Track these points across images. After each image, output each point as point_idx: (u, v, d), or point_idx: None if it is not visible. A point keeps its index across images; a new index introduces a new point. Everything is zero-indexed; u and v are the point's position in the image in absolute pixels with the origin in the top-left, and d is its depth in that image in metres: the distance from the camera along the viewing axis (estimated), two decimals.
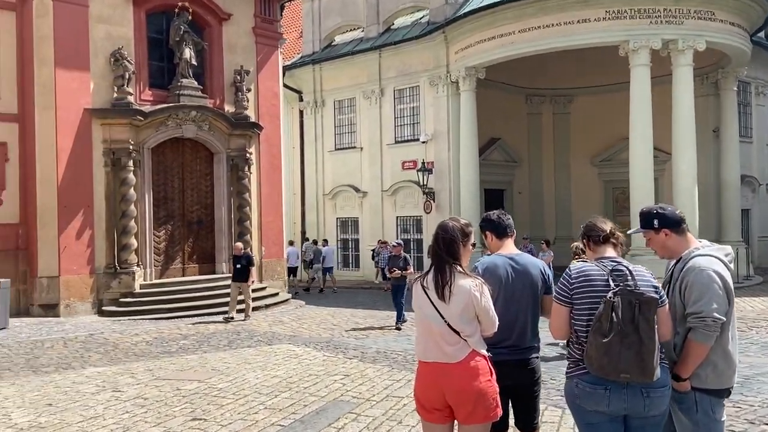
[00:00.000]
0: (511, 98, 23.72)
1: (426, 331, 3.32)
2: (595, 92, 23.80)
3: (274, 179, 17.31)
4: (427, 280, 3.32)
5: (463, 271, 3.29)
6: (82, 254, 13.46)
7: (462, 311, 3.22)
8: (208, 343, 10.46)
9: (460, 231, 3.36)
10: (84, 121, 13.55)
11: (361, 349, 9.74)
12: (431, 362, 3.27)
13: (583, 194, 24.28)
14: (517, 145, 24.10)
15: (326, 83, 24.11)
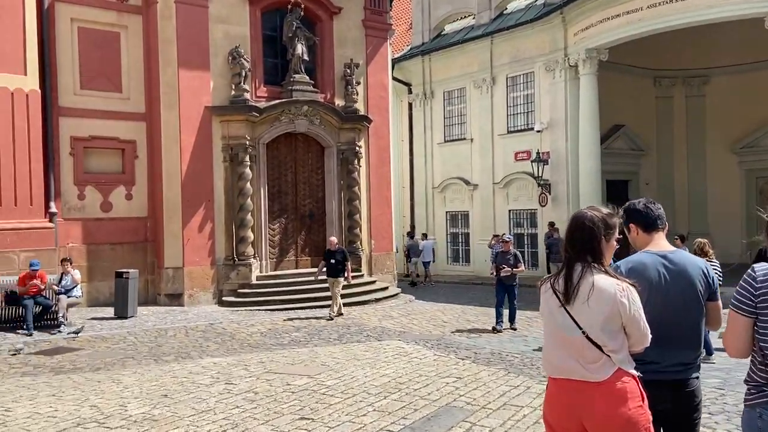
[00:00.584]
0: (637, 81, 21.95)
1: (558, 343, 2.80)
2: (735, 72, 21.48)
3: (383, 172, 17.17)
4: (558, 282, 2.80)
5: (605, 271, 2.74)
6: (204, 246, 14.05)
7: (605, 321, 2.68)
8: (318, 336, 10.46)
9: (601, 222, 2.77)
10: (204, 119, 14.10)
11: (474, 349, 9.27)
12: (566, 380, 2.76)
13: (721, 185, 22.02)
14: (644, 131, 22.29)
15: (436, 74, 23.66)
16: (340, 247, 12.97)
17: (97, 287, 13.43)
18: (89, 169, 13.50)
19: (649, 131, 22.56)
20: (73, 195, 13.24)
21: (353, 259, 15.96)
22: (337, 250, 12.68)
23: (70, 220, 13.14)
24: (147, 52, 14.12)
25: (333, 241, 13.07)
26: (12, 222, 11.75)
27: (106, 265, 13.39)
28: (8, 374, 7.74)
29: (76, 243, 13.22)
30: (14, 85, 11.82)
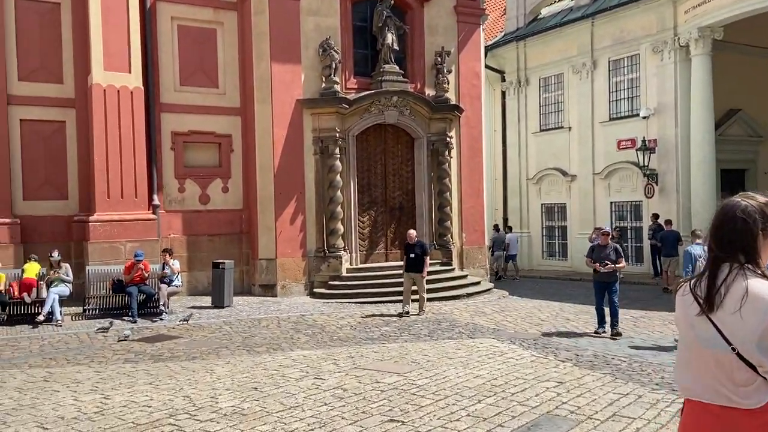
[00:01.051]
0: (754, 62, 19.92)
1: (697, 359, 2.29)
2: None
3: (475, 163, 16.63)
4: (700, 286, 2.30)
5: (762, 274, 2.22)
6: (295, 238, 14.18)
7: (762, 336, 2.16)
8: (408, 332, 10.19)
9: (758, 213, 2.24)
10: (296, 112, 14.20)
11: (575, 350, 8.64)
12: (706, 404, 2.27)
13: None
14: (763, 116, 20.25)
15: (531, 60, 22.68)
16: (419, 240, 12.26)
17: (196, 277, 13.91)
18: (188, 162, 13.97)
19: None
20: (173, 188, 13.76)
21: (443, 252, 15.62)
22: (416, 243, 12.00)
23: (171, 212, 13.67)
24: (241, 48, 14.40)
25: (411, 234, 12.31)
26: (119, 213, 12.37)
27: (204, 256, 13.84)
28: (111, 360, 8.05)
29: (177, 234, 13.74)
30: (120, 83, 12.40)
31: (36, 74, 12.42)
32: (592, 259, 9.99)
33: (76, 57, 12.67)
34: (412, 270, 11.84)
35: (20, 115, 12.28)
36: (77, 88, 12.72)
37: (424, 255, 11.85)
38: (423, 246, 12.03)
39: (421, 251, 11.83)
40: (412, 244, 11.93)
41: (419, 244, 12.03)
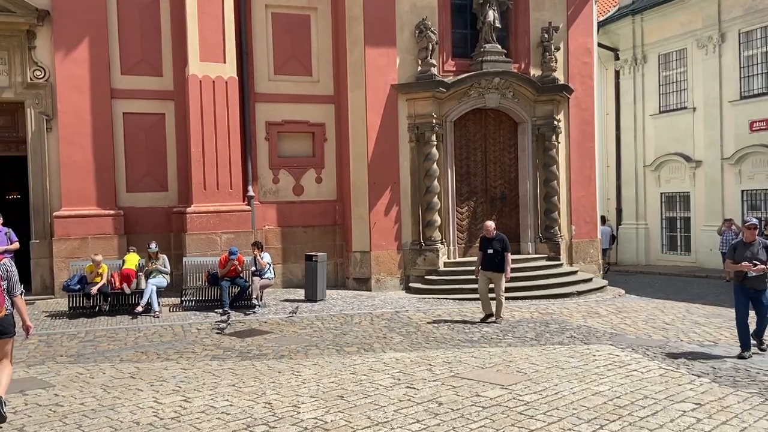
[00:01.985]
0: None
1: None
2: None
3: (586, 149, 15.19)
4: None
5: None
6: (390, 230, 13.56)
7: None
8: (512, 334, 9.24)
9: None
10: (390, 98, 13.53)
11: (710, 362, 7.33)
12: None
13: None
14: None
15: (648, 36, 20.64)
16: (498, 233, 10.51)
17: (290, 269, 13.67)
18: (282, 153, 13.72)
19: None
20: (268, 179, 13.57)
21: (550, 246, 14.40)
22: (495, 237, 10.33)
23: (265, 204, 13.50)
24: (335, 33, 13.93)
25: (489, 226, 10.56)
26: (215, 205, 12.31)
27: (298, 248, 13.56)
28: (200, 356, 7.79)
29: (272, 225, 13.55)
30: (215, 73, 12.30)
31: (137, 68, 12.59)
32: (734, 260, 7.82)
33: (175, 49, 12.73)
34: (491, 268, 10.29)
35: (123, 109, 12.51)
36: (175, 80, 12.78)
37: (505, 251, 10.31)
38: (503, 241, 10.37)
39: (501, 247, 10.29)
40: (490, 238, 10.37)
41: (498, 238, 10.39)
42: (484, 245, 10.42)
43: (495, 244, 10.29)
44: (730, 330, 9.37)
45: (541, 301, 12.40)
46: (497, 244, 10.29)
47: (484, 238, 10.51)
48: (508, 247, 10.39)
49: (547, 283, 13.36)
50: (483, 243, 10.49)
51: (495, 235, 10.39)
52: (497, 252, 10.26)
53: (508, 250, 10.36)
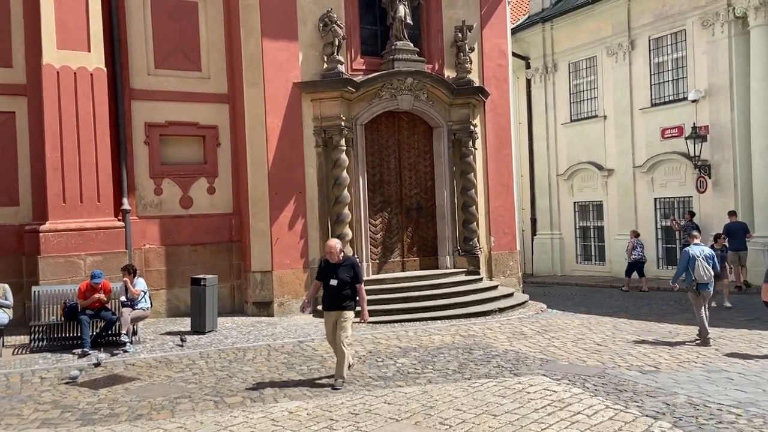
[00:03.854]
0: None
1: None
2: None
3: (503, 156, 14.35)
4: None
5: None
6: (295, 246, 12.02)
7: None
8: (432, 365, 7.95)
9: None
10: (293, 97, 12.05)
11: (663, 396, 6.34)
12: None
13: None
14: None
15: (559, 44, 20.38)
16: (348, 257, 7.62)
17: (177, 295, 11.77)
18: (167, 159, 11.86)
19: None
20: (148, 189, 11.65)
21: (469, 259, 13.35)
22: (343, 262, 7.30)
23: (145, 218, 11.56)
24: (228, 23, 12.28)
25: (334, 247, 7.35)
26: (77, 221, 10.24)
27: (187, 269, 11.70)
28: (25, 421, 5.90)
29: (154, 244, 11.62)
30: (77, 64, 10.30)
31: None
32: None
33: (28, 34, 10.62)
34: (336, 306, 7.21)
35: None
36: (29, 72, 10.65)
37: (357, 282, 7.30)
38: (354, 267, 7.36)
39: (352, 276, 7.24)
40: (335, 264, 7.27)
41: (348, 263, 7.36)
42: (326, 273, 7.30)
43: (342, 272, 7.22)
44: (668, 350, 8.59)
45: (461, 321, 11.26)
46: (345, 272, 7.23)
47: (326, 264, 7.36)
48: (360, 276, 7.41)
49: (467, 300, 12.28)
50: (324, 271, 7.33)
51: (342, 260, 7.33)
52: (344, 283, 7.20)
53: (360, 280, 7.40)
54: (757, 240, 14.95)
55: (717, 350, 8.55)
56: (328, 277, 7.27)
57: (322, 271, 7.44)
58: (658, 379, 7.03)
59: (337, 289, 7.22)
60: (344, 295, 7.25)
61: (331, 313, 7.30)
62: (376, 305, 11.67)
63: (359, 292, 7.41)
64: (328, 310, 7.33)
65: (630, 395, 6.37)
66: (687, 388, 6.64)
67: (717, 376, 7.11)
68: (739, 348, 8.65)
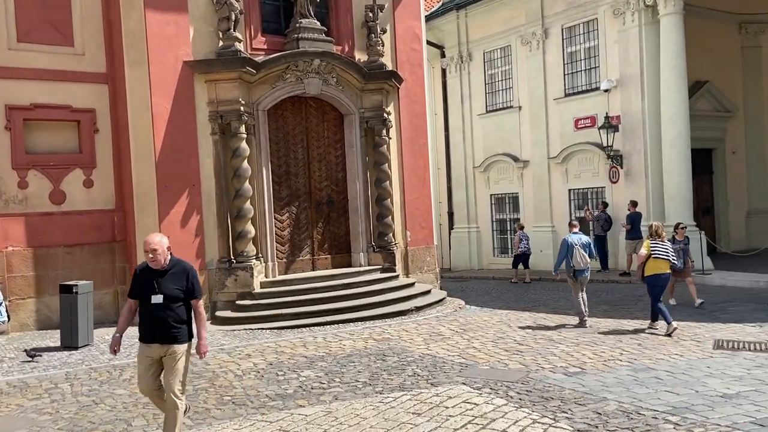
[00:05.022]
0: (719, 28, 18.03)
1: None
2: None
3: (419, 146, 13.61)
4: None
5: None
6: (189, 246, 10.70)
7: None
8: (341, 377, 7.00)
9: None
10: (184, 78, 10.72)
11: (592, 402, 5.71)
12: None
13: None
14: (730, 89, 18.34)
15: (473, 32, 19.95)
16: (178, 260, 5.04)
17: (48, 304, 10.17)
18: (33, 148, 10.22)
19: (735, 89, 18.62)
20: (11, 182, 9.98)
21: (384, 256, 12.50)
22: (170, 268, 4.92)
23: (7, 216, 9.88)
24: None
25: (156, 245, 4.88)
26: None
27: (60, 275, 10.13)
28: None
29: (18, 246, 9.97)
30: None
31: None
32: None
33: None
34: (163, 337, 4.84)
35: None
36: None
37: (193, 297, 4.96)
38: (189, 274, 4.96)
39: (185, 288, 4.91)
40: (160, 271, 4.89)
41: (177, 269, 4.95)
42: (144, 286, 4.89)
43: (170, 282, 4.85)
44: (591, 347, 8.08)
45: (376, 323, 10.41)
46: (175, 282, 4.86)
47: (143, 272, 4.95)
48: (198, 288, 4.99)
49: (382, 300, 11.43)
50: (141, 282, 4.93)
51: (170, 264, 4.90)
52: (174, 300, 4.83)
53: (199, 295, 4.99)
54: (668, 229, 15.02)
55: (640, 345, 8.15)
56: (148, 292, 4.82)
57: (137, 282, 4.94)
58: (585, 382, 6.43)
59: (161, 310, 4.78)
60: (174, 319, 4.81)
61: (151, 348, 4.81)
62: (282, 309, 10.66)
63: (197, 313, 4.95)
64: (147, 342, 4.84)
65: (557, 404, 5.69)
66: (616, 392, 6.06)
67: (645, 375, 6.59)
68: (661, 342, 8.28)
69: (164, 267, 4.88)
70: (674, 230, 11.62)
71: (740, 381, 6.19)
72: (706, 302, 10.83)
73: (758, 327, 8.88)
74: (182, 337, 4.87)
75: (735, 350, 7.64)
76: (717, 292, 12.41)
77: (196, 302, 4.98)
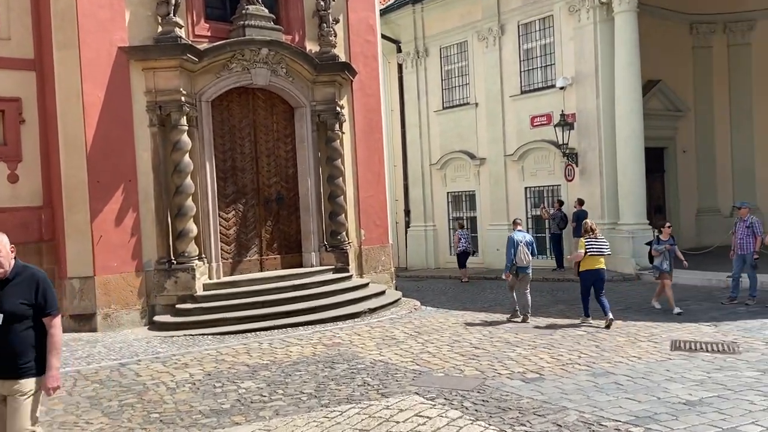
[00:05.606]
0: (671, 28, 18.19)
1: None
2: None
3: (374, 141, 13.15)
4: None
5: None
6: (125, 245, 9.97)
7: None
8: (284, 388, 6.47)
9: None
10: (119, 65, 9.97)
11: (551, 413, 5.34)
12: None
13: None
14: (681, 89, 18.51)
15: (430, 27, 19.59)
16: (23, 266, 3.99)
17: None
18: None
19: (686, 88, 18.82)
20: None
21: (337, 255, 12.00)
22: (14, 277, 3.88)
23: None
24: None
25: None
26: None
27: None
28: None
29: None
30: None
31: None
32: None
33: None
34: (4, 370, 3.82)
35: None
36: None
37: (46, 313, 3.91)
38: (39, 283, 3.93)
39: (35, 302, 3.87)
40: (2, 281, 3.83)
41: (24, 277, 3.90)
42: None
43: (11, 297, 3.83)
44: (548, 350, 7.76)
45: (327, 326, 9.90)
46: (19, 296, 3.84)
47: None
48: (52, 304, 3.95)
49: (334, 302, 10.91)
50: None
51: (12, 272, 3.88)
52: (18, 319, 3.83)
53: (53, 311, 3.94)
54: (622, 228, 15.02)
55: (597, 347, 7.88)
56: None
57: None
58: (544, 390, 6.07)
59: (2, 334, 3.76)
60: (19, 345, 3.79)
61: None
62: (226, 312, 10.03)
63: (49, 334, 3.89)
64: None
65: (515, 415, 5.31)
66: (576, 400, 5.72)
67: (604, 381, 6.29)
68: (619, 343, 8.04)
69: (6, 276, 3.76)
70: (658, 230, 11.10)
71: (702, 386, 5.95)
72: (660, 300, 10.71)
73: (713, 327, 8.75)
74: (31, 370, 3.80)
75: (692, 351, 7.44)
76: None
77: (49, 320, 3.88)
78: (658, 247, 10.23)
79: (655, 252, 10.26)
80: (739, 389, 5.76)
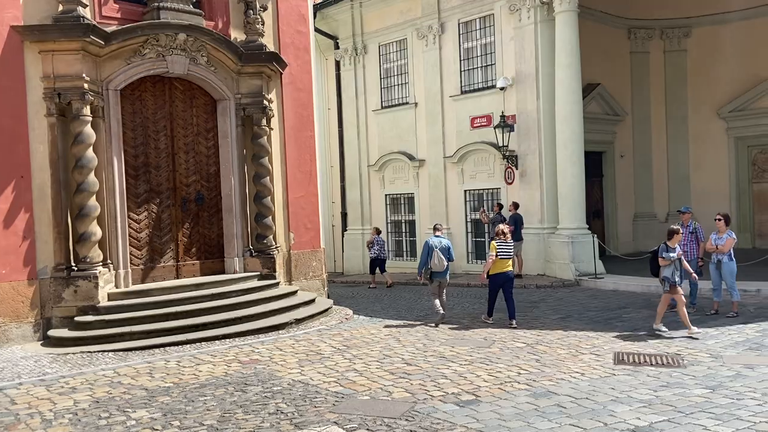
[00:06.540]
0: (610, 32, 18.19)
1: None
2: (722, 21, 18.20)
3: (304, 138, 12.29)
4: None
5: None
6: (14, 250, 8.76)
7: None
8: (182, 419, 5.55)
9: None
10: (11, 46, 8.77)
11: None
12: None
13: (706, 155, 18.74)
14: (619, 93, 18.54)
15: (368, 24, 18.91)
16: None
17: None
18: None
19: (624, 93, 18.89)
20: None
21: (263, 261, 11.09)
22: None
23: None
24: None
25: None
26: None
27: None
28: None
29: None
30: None
31: None
32: None
33: None
34: None
35: None
36: None
37: None
38: None
39: None
40: None
41: None
42: None
43: None
44: (485, 366, 7.14)
45: (248, 340, 9.01)
46: None
47: None
48: None
49: (258, 312, 10.00)
50: None
51: None
52: None
53: None
54: (561, 232, 14.74)
55: (538, 361, 7.33)
56: None
57: None
58: (480, 415, 5.42)
59: None
60: None
61: None
62: (132, 325, 8.96)
63: None
64: None
65: None
66: (515, 428, 5.09)
67: (546, 403, 5.69)
68: (560, 357, 7.51)
69: None
70: (669, 236, 8.72)
71: (650, 407, 5.43)
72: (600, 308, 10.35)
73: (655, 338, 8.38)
74: None
75: (636, 365, 6.99)
76: (610, 297, 12.08)
77: None
78: (669, 255, 8.48)
79: (664, 261, 8.51)
80: (689, 411, 5.27)
